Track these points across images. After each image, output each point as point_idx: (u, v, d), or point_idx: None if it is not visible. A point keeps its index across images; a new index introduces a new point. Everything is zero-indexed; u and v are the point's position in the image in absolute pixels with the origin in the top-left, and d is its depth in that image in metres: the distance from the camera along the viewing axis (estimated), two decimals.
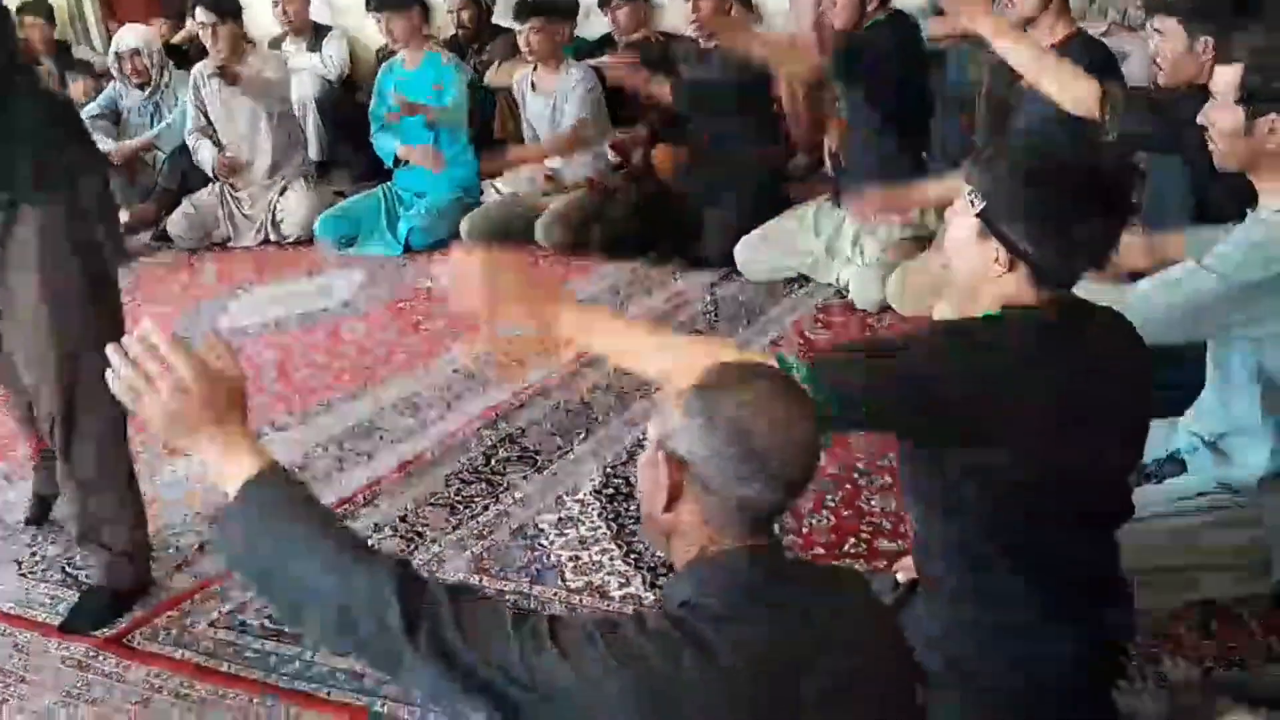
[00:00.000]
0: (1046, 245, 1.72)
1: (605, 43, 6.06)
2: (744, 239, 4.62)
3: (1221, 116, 2.22)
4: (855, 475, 3.09)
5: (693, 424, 1.40)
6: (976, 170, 1.79)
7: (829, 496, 2.99)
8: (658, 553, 2.69)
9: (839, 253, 4.44)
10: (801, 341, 4.03)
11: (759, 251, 4.59)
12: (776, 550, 1.48)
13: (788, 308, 4.33)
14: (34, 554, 3.13)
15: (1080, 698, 1.86)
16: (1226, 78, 2.20)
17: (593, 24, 6.32)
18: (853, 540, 2.82)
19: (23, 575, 3.05)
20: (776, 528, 2.51)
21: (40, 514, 3.27)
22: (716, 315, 4.33)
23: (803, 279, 4.53)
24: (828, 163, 4.74)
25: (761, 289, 4.52)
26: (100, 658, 2.66)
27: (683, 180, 5.12)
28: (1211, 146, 2.28)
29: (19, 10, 7.37)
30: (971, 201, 1.77)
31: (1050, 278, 1.76)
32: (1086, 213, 1.71)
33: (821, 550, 2.78)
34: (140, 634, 2.73)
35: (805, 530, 2.86)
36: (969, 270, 1.81)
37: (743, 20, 3.57)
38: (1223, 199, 2.53)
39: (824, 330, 4.10)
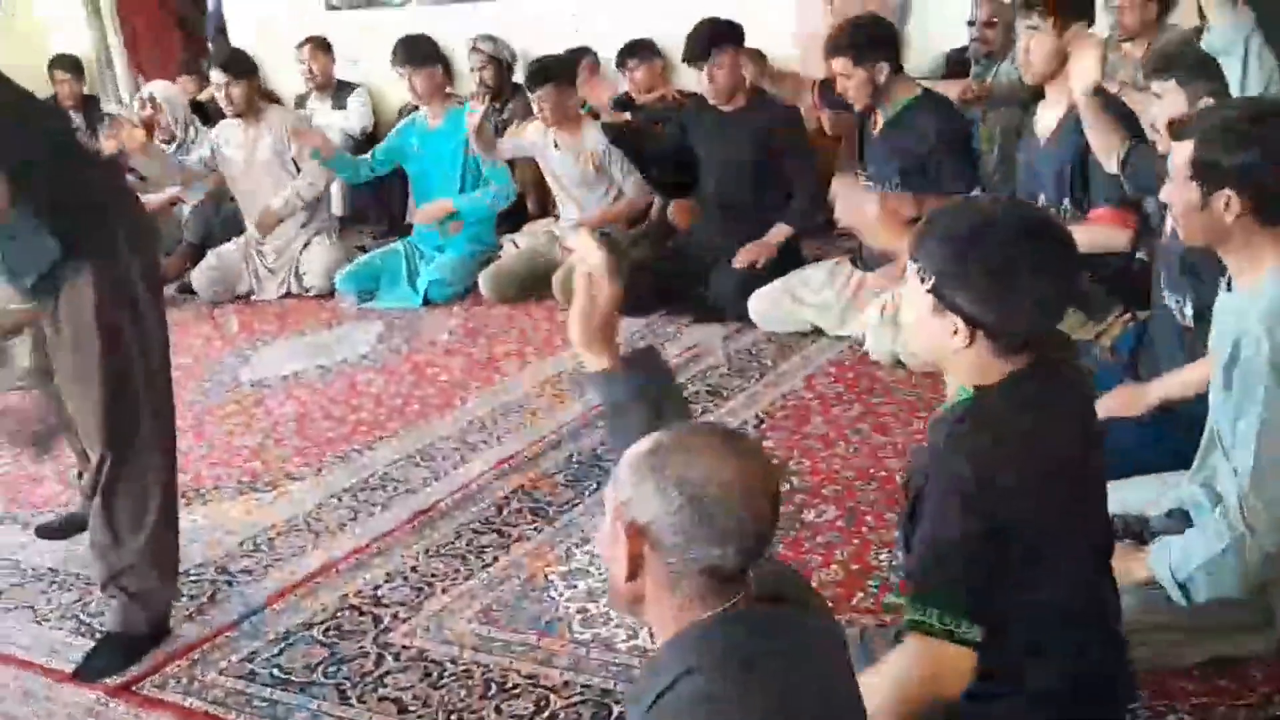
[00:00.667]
0: (999, 309, 1.69)
1: (625, 100, 6.13)
2: (758, 291, 4.65)
3: (1176, 195, 2.20)
4: (864, 529, 3.10)
5: (648, 490, 1.40)
6: (920, 244, 1.75)
7: (838, 551, 3.00)
8: None
9: (855, 307, 4.46)
10: (812, 394, 4.04)
11: (774, 304, 4.62)
12: (752, 609, 1.46)
13: (801, 361, 4.35)
14: (48, 601, 3.17)
15: None
16: (1179, 156, 2.17)
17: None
18: (860, 595, 2.82)
19: (37, 622, 3.08)
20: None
21: (61, 529, 3.31)
22: (730, 368, 4.36)
23: (817, 332, 4.56)
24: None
25: (775, 342, 4.55)
26: (110, 705, 2.69)
27: (697, 234, 5.17)
28: (1175, 225, 2.28)
29: (50, 65, 7.56)
30: (921, 277, 1.74)
31: (1010, 342, 1.73)
32: (1032, 269, 1.68)
33: (830, 604, 2.77)
34: (150, 682, 2.75)
35: (815, 584, 2.86)
36: (931, 347, 1.79)
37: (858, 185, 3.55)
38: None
39: (835, 384, 4.11)
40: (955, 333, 1.72)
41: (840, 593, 2.82)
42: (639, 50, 6.11)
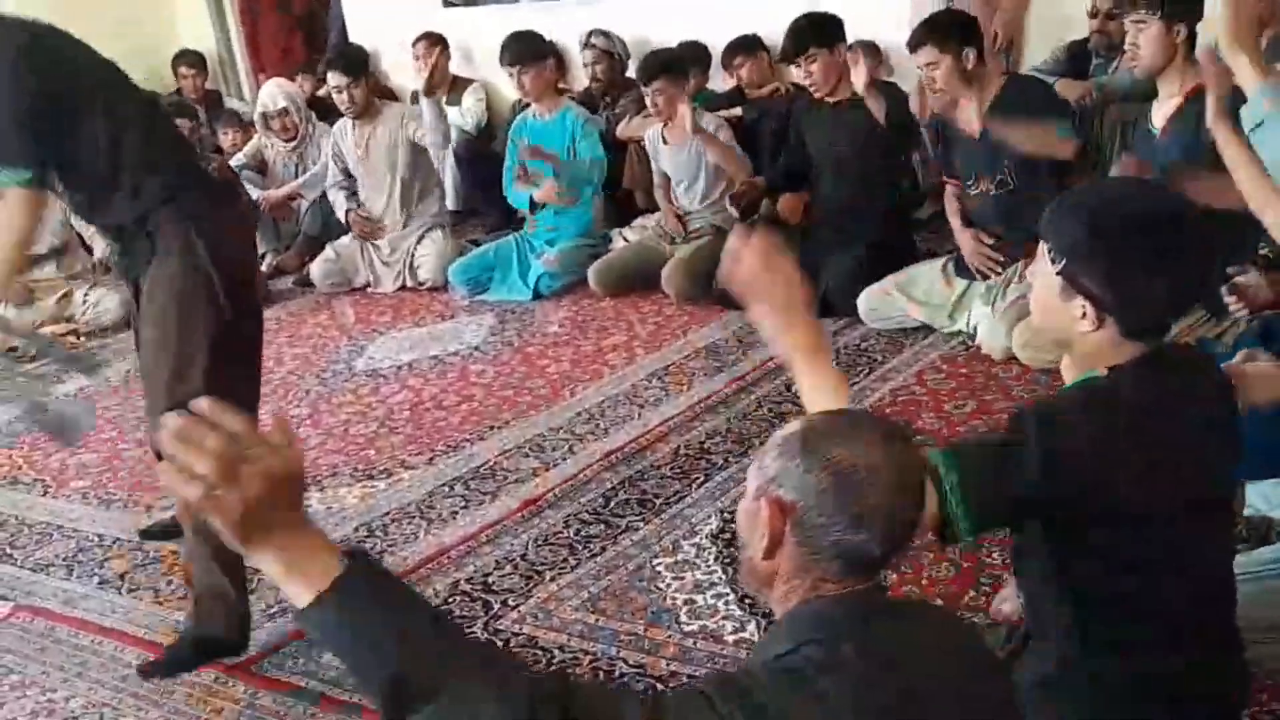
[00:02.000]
0: (1132, 297, 1.67)
1: (734, 94, 6.12)
2: (869, 288, 4.61)
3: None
4: None
5: (794, 469, 1.39)
6: (1052, 225, 1.73)
7: (951, 548, 2.96)
8: None
9: (967, 303, 4.40)
10: (923, 389, 4.00)
11: (884, 300, 4.57)
12: (878, 595, 1.47)
13: (910, 357, 4.31)
14: (169, 583, 3.27)
15: None
16: None
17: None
18: (972, 593, 2.78)
19: (159, 604, 3.19)
20: (895, 575, 2.51)
21: (159, 532, 3.39)
22: (837, 362, 4.33)
23: (926, 329, 4.50)
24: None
25: (884, 337, 4.51)
26: (229, 683, 2.77)
27: (807, 228, 5.13)
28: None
29: (175, 59, 7.79)
30: (1051, 258, 1.72)
31: (1140, 330, 1.71)
32: (1169, 261, 1.65)
33: (940, 601, 2.75)
34: (269, 661, 2.83)
35: (925, 581, 2.83)
36: (1057, 328, 1.76)
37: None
38: None
39: (947, 380, 4.06)
40: (1083, 315, 1.70)
41: (952, 589, 2.79)
42: (745, 46, 6.09)
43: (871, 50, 5.56)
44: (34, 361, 5.45)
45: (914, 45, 4.33)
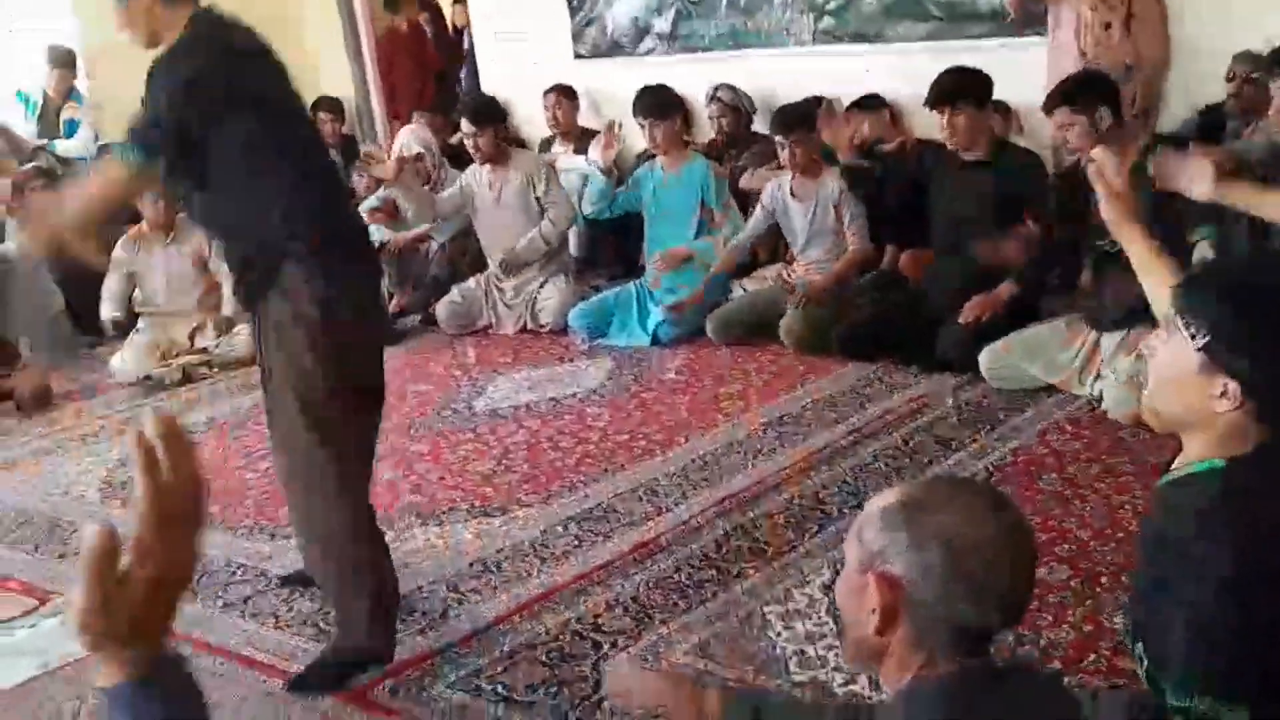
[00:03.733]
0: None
1: (864, 148, 6.11)
2: (990, 345, 4.55)
3: None
4: (1099, 590, 2.99)
5: (901, 542, 1.37)
6: (1192, 298, 1.63)
7: (1070, 611, 2.90)
8: None
9: (1092, 366, 4.33)
10: (1045, 450, 3.93)
11: (1005, 359, 4.51)
12: (988, 671, 1.43)
13: (1033, 416, 4.24)
14: (289, 608, 3.35)
15: None
16: None
17: None
18: (1093, 656, 2.72)
19: (279, 628, 3.26)
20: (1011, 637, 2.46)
21: (299, 579, 3.43)
22: (959, 420, 4.27)
23: (1049, 388, 4.43)
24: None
25: (1004, 396, 4.44)
26: (346, 710, 2.82)
27: (929, 284, 5.10)
28: None
29: (315, 104, 8.07)
30: (1192, 334, 1.62)
31: (1275, 413, 1.61)
32: None
33: (1059, 664, 2.69)
34: (383, 689, 2.87)
35: (1043, 643, 2.77)
36: (1186, 406, 1.67)
37: None
38: None
39: (1071, 441, 3.98)
40: (1222, 394, 1.61)
41: (1070, 654, 2.73)
42: (868, 104, 6.12)
43: (1003, 111, 5.55)
44: (167, 390, 5.67)
45: (1050, 106, 4.31)
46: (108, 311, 6.10)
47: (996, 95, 5.08)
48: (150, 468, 1.00)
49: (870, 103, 6.14)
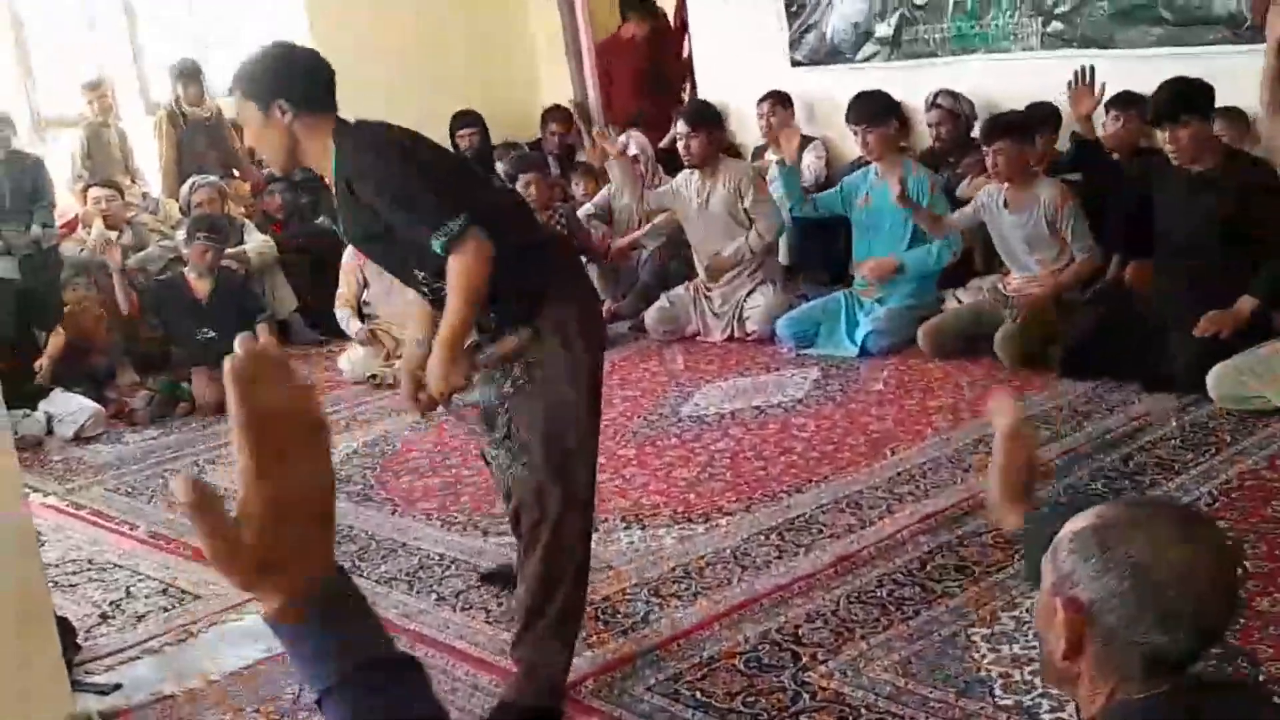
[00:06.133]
0: None
1: (1082, 153, 5.91)
2: (1220, 365, 4.34)
3: None
4: None
5: (1090, 567, 1.34)
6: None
7: None
8: None
9: None
10: (1274, 475, 3.72)
11: (1236, 380, 4.29)
12: (1183, 694, 1.38)
13: (1262, 439, 4.02)
14: (500, 604, 3.46)
15: None
16: None
17: None
18: None
19: (489, 623, 3.37)
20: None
21: (499, 576, 3.52)
22: (1182, 442, 4.09)
23: None
24: None
25: (1233, 418, 4.23)
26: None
27: (1156, 298, 4.89)
28: None
29: (546, 114, 8.33)
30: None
31: None
32: None
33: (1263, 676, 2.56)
34: (586, 688, 2.95)
35: (1262, 677, 2.64)
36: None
37: None
38: None
39: None
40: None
41: None
42: (1129, 101, 5.77)
43: (1236, 118, 5.27)
44: (391, 390, 5.93)
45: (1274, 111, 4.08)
46: (354, 328, 6.31)
47: (1232, 102, 4.84)
48: (243, 394, 0.96)
49: (1130, 99, 5.66)
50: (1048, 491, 3.74)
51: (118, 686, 3.20)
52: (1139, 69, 5.64)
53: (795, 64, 7.49)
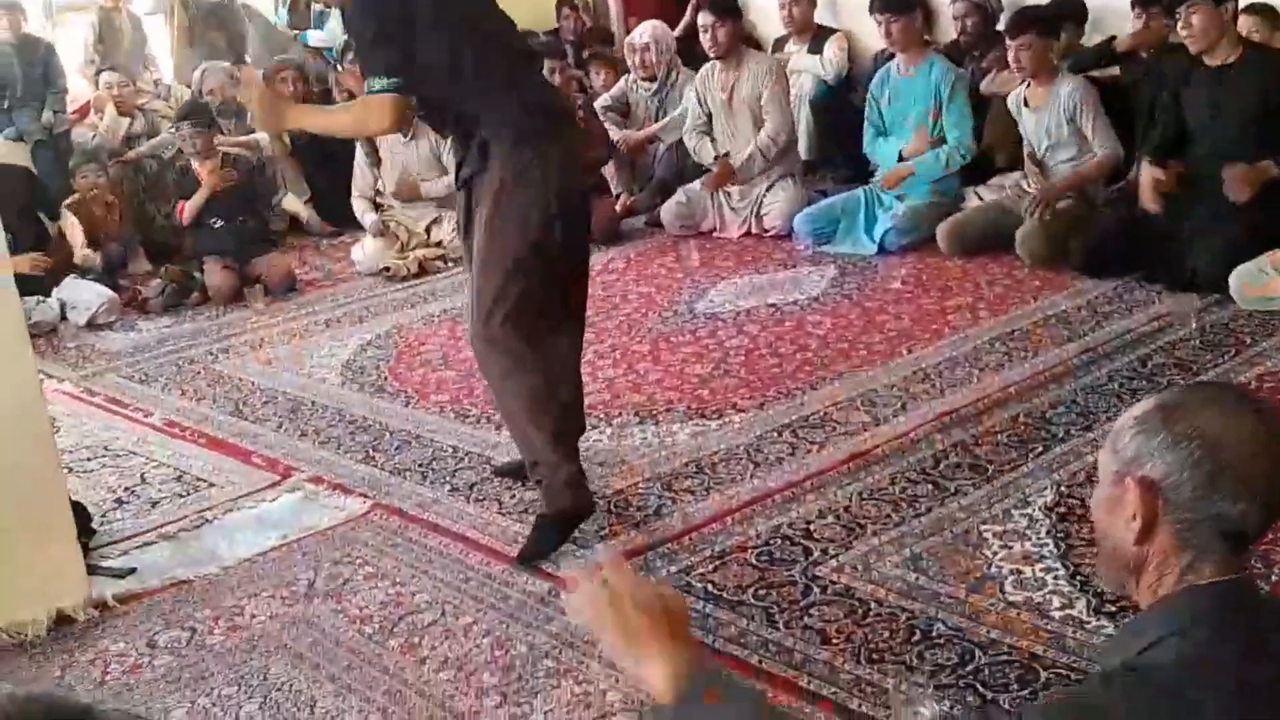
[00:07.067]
0: None
1: (1104, 52, 5.79)
2: (1242, 265, 4.28)
3: None
4: None
5: (1159, 444, 1.34)
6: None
7: None
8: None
9: None
10: None
11: (1259, 279, 4.24)
12: (1248, 585, 1.39)
13: None
14: (512, 495, 3.46)
15: None
16: None
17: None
18: None
19: (502, 514, 3.38)
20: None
21: (510, 470, 3.54)
22: (1201, 343, 4.05)
23: None
24: None
25: (1255, 318, 4.18)
26: (562, 595, 2.90)
27: (1180, 197, 4.80)
28: None
29: (560, 2, 8.17)
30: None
31: None
32: None
33: None
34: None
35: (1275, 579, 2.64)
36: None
37: None
38: None
39: None
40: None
41: None
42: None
43: (1269, 14, 5.13)
44: (404, 282, 5.91)
45: None
46: (369, 220, 6.26)
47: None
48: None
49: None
50: (1066, 390, 3.72)
51: (133, 570, 3.22)
52: None
53: None
